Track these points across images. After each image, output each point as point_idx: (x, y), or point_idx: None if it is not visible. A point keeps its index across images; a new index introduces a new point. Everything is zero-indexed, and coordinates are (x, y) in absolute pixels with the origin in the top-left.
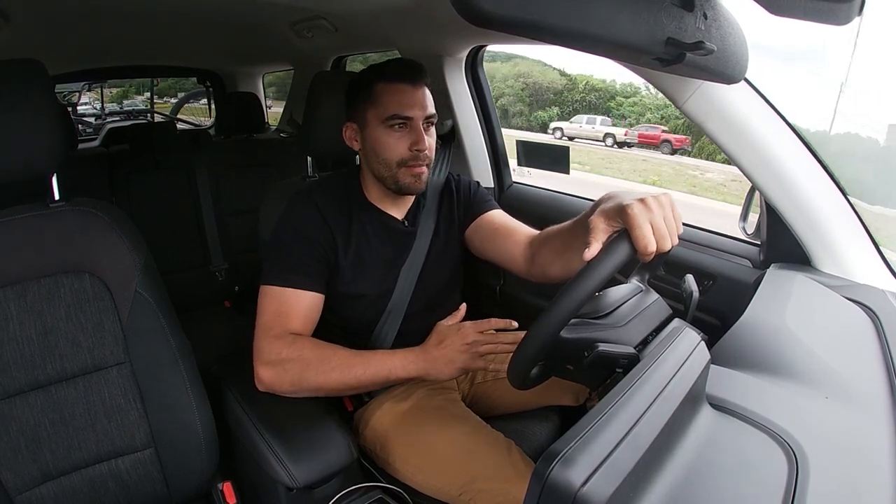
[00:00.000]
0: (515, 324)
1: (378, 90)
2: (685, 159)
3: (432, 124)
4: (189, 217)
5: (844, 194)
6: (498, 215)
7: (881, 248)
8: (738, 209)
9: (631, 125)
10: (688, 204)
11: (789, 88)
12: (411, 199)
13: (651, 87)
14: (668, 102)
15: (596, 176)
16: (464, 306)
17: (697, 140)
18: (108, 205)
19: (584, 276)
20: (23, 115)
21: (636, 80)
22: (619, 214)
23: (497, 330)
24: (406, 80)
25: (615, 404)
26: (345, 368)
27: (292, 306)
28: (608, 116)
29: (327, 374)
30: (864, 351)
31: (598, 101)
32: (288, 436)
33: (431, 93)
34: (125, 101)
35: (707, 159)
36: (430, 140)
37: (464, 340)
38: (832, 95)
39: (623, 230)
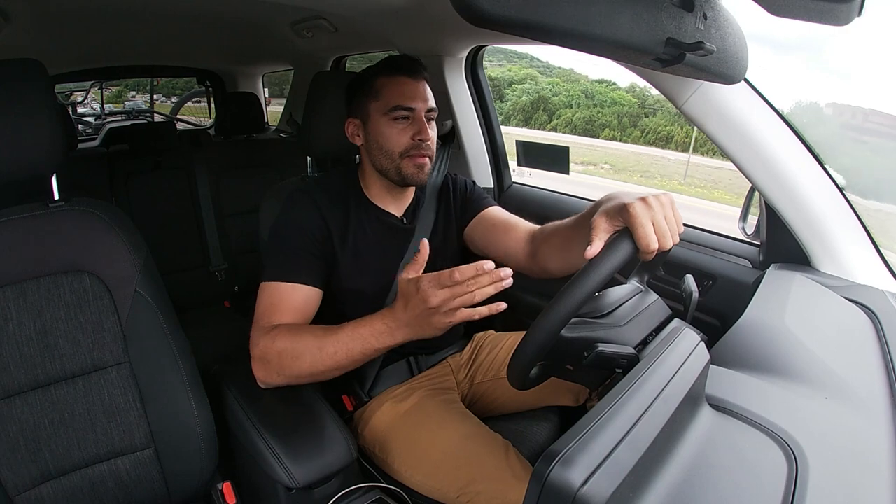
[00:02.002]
0: (491, 264)
1: (379, 84)
2: None
3: (433, 118)
4: (189, 217)
5: (844, 195)
6: (497, 211)
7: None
8: None
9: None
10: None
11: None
12: (410, 196)
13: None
14: (546, 87)
15: None
16: (424, 244)
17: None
18: (108, 205)
19: (585, 275)
20: (22, 115)
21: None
22: (621, 213)
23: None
24: (406, 72)
25: (615, 404)
26: (316, 351)
27: (285, 300)
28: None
29: (302, 358)
30: (863, 351)
31: (493, 88)
32: (287, 436)
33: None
34: (127, 103)
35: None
36: (432, 132)
37: (426, 305)
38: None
39: (624, 229)
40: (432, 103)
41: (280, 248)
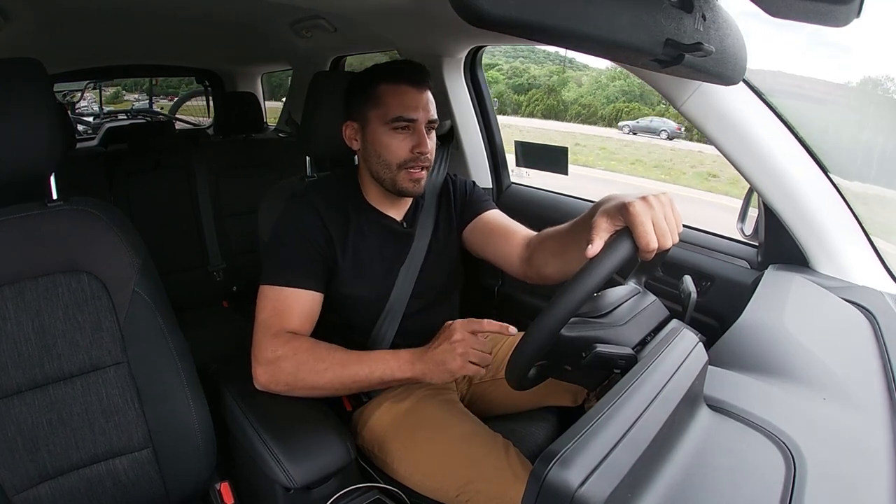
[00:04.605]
0: (514, 329)
1: (381, 91)
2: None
3: (433, 128)
4: (187, 217)
5: (842, 196)
6: (495, 215)
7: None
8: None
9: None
10: None
11: None
12: (410, 199)
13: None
14: None
15: None
16: (490, 324)
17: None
18: (107, 204)
19: (586, 273)
20: (21, 114)
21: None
22: (621, 213)
23: (495, 332)
24: (411, 82)
25: (613, 405)
26: (340, 367)
27: (291, 305)
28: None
29: (322, 372)
30: (861, 352)
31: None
32: (286, 436)
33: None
34: (135, 104)
35: None
36: (431, 143)
37: (449, 338)
38: None
39: (625, 228)
40: (434, 114)
41: (281, 252)
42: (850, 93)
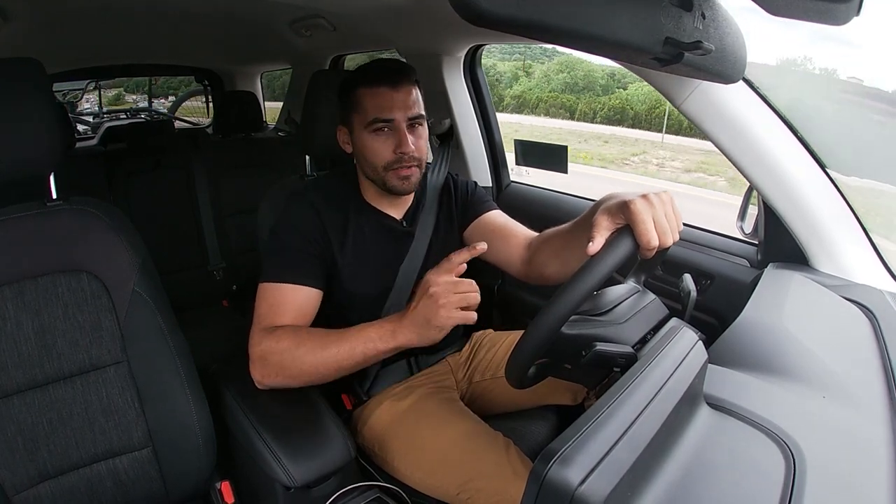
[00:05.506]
0: (484, 245)
1: (359, 95)
2: None
3: (420, 125)
4: (187, 216)
5: (842, 194)
6: (496, 216)
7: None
8: None
9: None
10: None
11: None
12: (410, 198)
13: None
14: None
15: None
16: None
17: None
18: (106, 204)
19: (587, 271)
20: (20, 113)
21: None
22: (622, 210)
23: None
24: (385, 82)
25: (613, 403)
26: (320, 349)
27: (286, 301)
28: None
29: (303, 356)
30: (861, 351)
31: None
32: (286, 435)
33: (430, 92)
34: (140, 104)
35: None
36: (420, 140)
37: (428, 291)
38: None
39: (626, 226)
40: (418, 110)
41: (279, 250)
42: (770, 71)
